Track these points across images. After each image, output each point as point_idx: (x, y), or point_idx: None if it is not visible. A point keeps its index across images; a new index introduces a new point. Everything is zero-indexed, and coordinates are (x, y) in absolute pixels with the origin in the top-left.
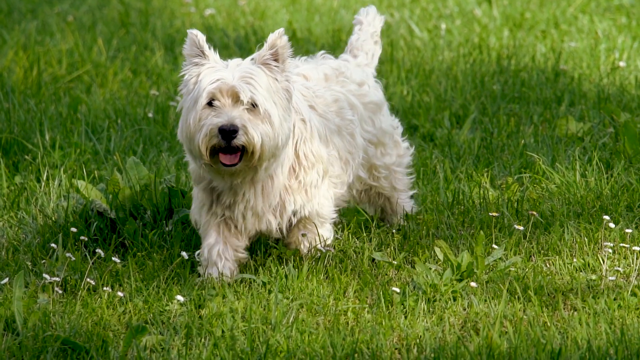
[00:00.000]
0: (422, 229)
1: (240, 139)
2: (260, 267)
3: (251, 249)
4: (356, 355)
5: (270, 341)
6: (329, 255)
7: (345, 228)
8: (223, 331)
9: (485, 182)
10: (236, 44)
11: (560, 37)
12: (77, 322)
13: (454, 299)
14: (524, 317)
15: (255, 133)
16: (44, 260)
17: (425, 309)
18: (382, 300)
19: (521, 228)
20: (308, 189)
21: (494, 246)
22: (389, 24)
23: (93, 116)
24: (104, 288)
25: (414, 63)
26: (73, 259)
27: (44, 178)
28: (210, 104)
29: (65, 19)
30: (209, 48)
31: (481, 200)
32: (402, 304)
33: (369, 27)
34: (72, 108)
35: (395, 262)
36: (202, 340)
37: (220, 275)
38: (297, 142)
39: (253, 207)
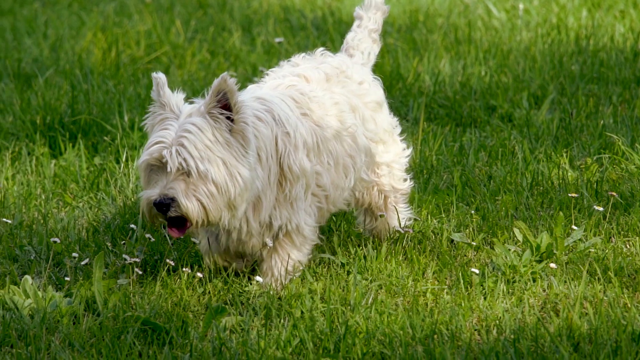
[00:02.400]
0: (501, 209)
1: (174, 212)
2: (339, 248)
3: (330, 230)
4: (435, 336)
5: (349, 322)
6: (407, 236)
7: (424, 209)
8: (302, 312)
9: (564, 163)
10: (313, 24)
11: (639, 17)
12: (157, 302)
13: (534, 280)
14: (604, 298)
15: (188, 202)
16: (123, 241)
17: (505, 290)
18: (461, 282)
19: (601, 209)
20: (294, 202)
21: (574, 227)
22: (466, 5)
23: None
24: (184, 269)
25: (491, 43)
26: (152, 239)
27: (123, 159)
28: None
29: (143, 1)
30: (172, 92)
31: (560, 181)
32: (482, 285)
33: (368, 23)
34: (150, 89)
35: (474, 243)
36: (282, 321)
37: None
38: (281, 156)
39: (249, 230)
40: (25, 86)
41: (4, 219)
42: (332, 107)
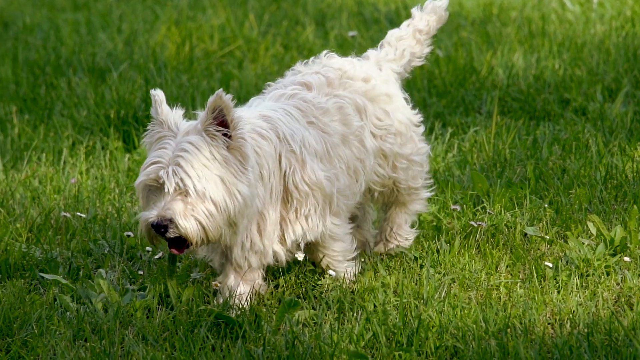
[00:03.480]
0: (575, 203)
1: (173, 233)
2: (412, 242)
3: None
4: (508, 330)
5: (422, 316)
6: (480, 230)
7: (497, 202)
8: (375, 306)
9: (639, 156)
10: (387, 18)
11: None
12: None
13: (607, 274)
14: None
15: (187, 223)
16: None
17: (578, 283)
18: (535, 275)
19: None
20: (307, 217)
21: None
22: None
23: (245, 91)
24: None
25: (565, 37)
26: None
27: None
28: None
29: None
30: (171, 108)
31: (634, 174)
32: (555, 279)
33: (418, 23)
34: (223, 83)
35: (548, 237)
36: (354, 314)
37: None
38: (285, 174)
39: (252, 247)
40: (99, 80)
41: (78, 213)
42: (337, 112)
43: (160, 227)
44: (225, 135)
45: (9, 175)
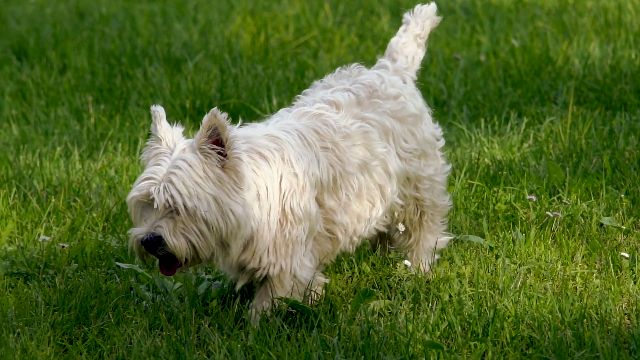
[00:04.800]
0: None
1: (161, 250)
2: (487, 232)
3: (478, 215)
4: (584, 320)
5: (497, 306)
6: (556, 220)
7: (573, 192)
8: (450, 296)
9: None
10: (462, 8)
11: None
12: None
13: None
14: None
15: (175, 241)
16: None
17: None
18: (611, 265)
19: None
20: (291, 244)
21: None
22: None
23: None
24: None
25: None
26: None
27: None
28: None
29: None
30: (170, 125)
31: None
32: (631, 269)
33: (414, 28)
34: (299, 73)
35: (624, 227)
36: (430, 304)
37: None
38: (284, 196)
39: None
40: (175, 71)
41: None
42: (361, 137)
43: (150, 244)
44: (220, 154)
45: (85, 165)
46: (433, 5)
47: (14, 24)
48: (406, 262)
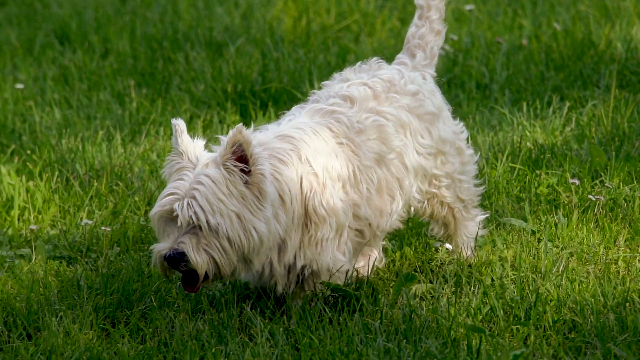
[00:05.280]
0: None
1: (184, 266)
2: (529, 216)
3: (520, 198)
4: (627, 304)
5: (540, 290)
6: (599, 204)
7: (615, 176)
8: (492, 279)
9: None
10: None
11: None
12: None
13: None
14: None
15: (198, 257)
16: None
17: None
18: None
19: None
20: (319, 243)
21: None
22: None
23: None
24: None
25: None
26: None
27: None
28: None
29: None
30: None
31: None
32: None
33: (430, 13)
34: (340, 57)
35: None
36: (472, 288)
37: None
38: (306, 197)
39: (272, 274)
40: (216, 55)
41: None
42: (375, 131)
43: (173, 260)
44: (243, 170)
45: (127, 149)
46: None
47: (57, 8)
48: (448, 245)
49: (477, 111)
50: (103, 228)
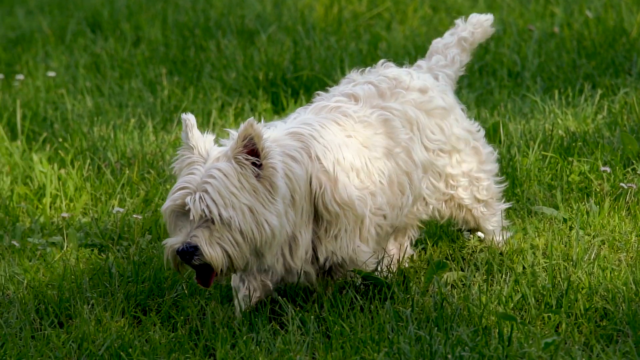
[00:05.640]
0: None
1: (197, 260)
2: (561, 204)
3: (551, 186)
4: None
5: (571, 278)
6: (631, 192)
7: None
8: (524, 267)
9: None
10: None
11: None
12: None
13: None
14: None
15: (212, 251)
16: None
17: None
18: None
19: None
20: (337, 237)
21: None
22: None
23: (393, 53)
24: None
25: None
26: None
27: None
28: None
29: None
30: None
31: None
32: None
33: (462, 32)
34: (372, 45)
35: None
36: (503, 276)
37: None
38: (315, 195)
39: (283, 266)
40: (248, 43)
41: None
42: (381, 125)
43: (186, 254)
44: (254, 164)
45: (159, 137)
46: (489, 17)
47: None
48: (479, 234)
49: (509, 99)
50: (134, 216)
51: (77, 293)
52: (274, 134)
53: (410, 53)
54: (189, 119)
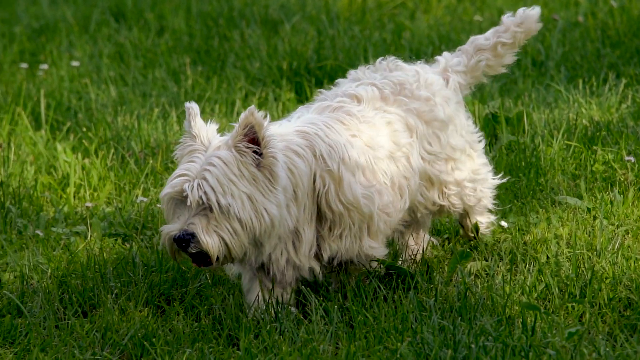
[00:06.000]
0: None
1: (194, 248)
2: (585, 193)
3: (575, 176)
4: None
5: (595, 267)
6: None
7: None
8: (548, 257)
9: None
10: None
11: None
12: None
13: None
14: None
15: (208, 238)
16: None
17: None
18: None
19: None
20: (341, 237)
21: None
22: None
23: (417, 42)
24: None
25: None
26: None
27: None
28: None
29: None
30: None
31: None
32: None
33: (504, 35)
34: (396, 34)
35: None
36: (527, 266)
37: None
38: (318, 194)
39: (288, 262)
40: (272, 32)
41: None
42: (384, 127)
43: (182, 242)
44: (255, 152)
45: (182, 126)
46: (537, 11)
47: None
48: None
49: (533, 88)
50: (158, 205)
51: (100, 283)
52: (281, 129)
53: (434, 43)
54: (192, 107)
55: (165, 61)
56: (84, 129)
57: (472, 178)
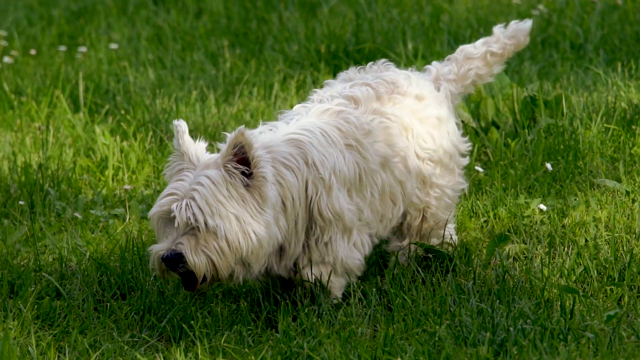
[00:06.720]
0: None
1: (182, 268)
2: (624, 176)
3: (614, 159)
4: None
5: (634, 250)
6: None
7: None
8: (586, 240)
9: None
10: None
11: None
12: None
13: None
14: None
15: (196, 258)
16: None
17: None
18: None
19: None
20: (327, 245)
21: None
22: None
23: (455, 25)
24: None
25: None
26: None
27: None
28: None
29: None
30: (190, 140)
31: None
32: None
33: (494, 45)
34: (434, 17)
35: None
36: (565, 249)
37: None
38: (311, 200)
39: (269, 273)
40: (310, 15)
41: None
42: (382, 133)
43: (171, 261)
44: (244, 173)
45: (221, 109)
46: (528, 25)
47: None
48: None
49: (572, 71)
50: None
51: (139, 265)
52: (270, 138)
53: (472, 26)
54: (180, 125)
55: (204, 44)
56: (123, 112)
57: (451, 187)
